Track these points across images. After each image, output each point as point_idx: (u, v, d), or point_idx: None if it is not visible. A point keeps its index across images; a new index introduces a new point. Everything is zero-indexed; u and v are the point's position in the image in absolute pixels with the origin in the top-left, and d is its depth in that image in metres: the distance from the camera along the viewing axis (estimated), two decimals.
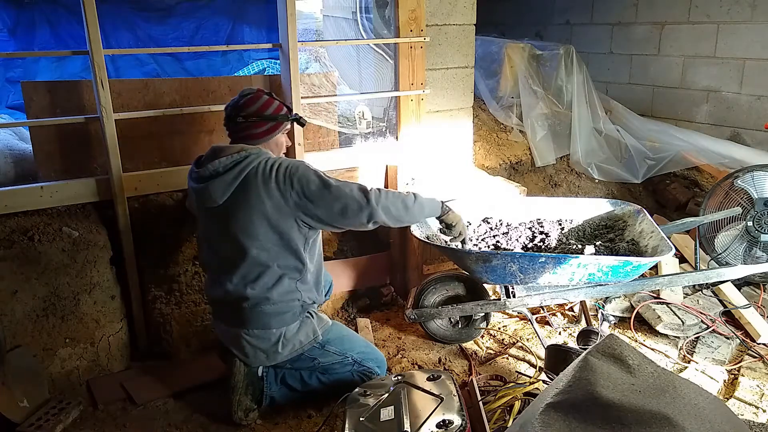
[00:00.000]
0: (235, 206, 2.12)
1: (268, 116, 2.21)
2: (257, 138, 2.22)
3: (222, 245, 2.18)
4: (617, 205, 2.92)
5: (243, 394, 2.23)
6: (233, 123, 2.22)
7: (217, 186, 2.12)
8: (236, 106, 2.21)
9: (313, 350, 2.28)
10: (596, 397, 1.38)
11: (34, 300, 2.37)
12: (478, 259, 2.43)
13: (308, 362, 2.30)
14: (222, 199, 2.13)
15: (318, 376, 2.34)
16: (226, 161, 2.12)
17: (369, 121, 3.28)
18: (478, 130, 3.84)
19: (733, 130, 4.25)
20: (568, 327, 2.90)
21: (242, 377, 2.23)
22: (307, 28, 4.62)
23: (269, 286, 2.15)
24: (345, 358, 2.32)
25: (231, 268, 2.17)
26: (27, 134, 2.80)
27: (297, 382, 2.34)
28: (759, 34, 4.01)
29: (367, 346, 2.43)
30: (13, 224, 2.43)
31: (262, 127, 2.21)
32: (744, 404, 2.29)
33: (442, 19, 3.20)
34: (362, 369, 2.34)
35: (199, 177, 2.18)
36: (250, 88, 2.27)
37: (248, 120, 2.19)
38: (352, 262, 3.10)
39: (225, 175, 2.11)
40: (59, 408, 2.27)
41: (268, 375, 2.31)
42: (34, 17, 4.73)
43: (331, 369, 2.32)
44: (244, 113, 2.19)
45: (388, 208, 2.16)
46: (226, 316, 2.25)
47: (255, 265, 2.14)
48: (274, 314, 2.17)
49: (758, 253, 3.10)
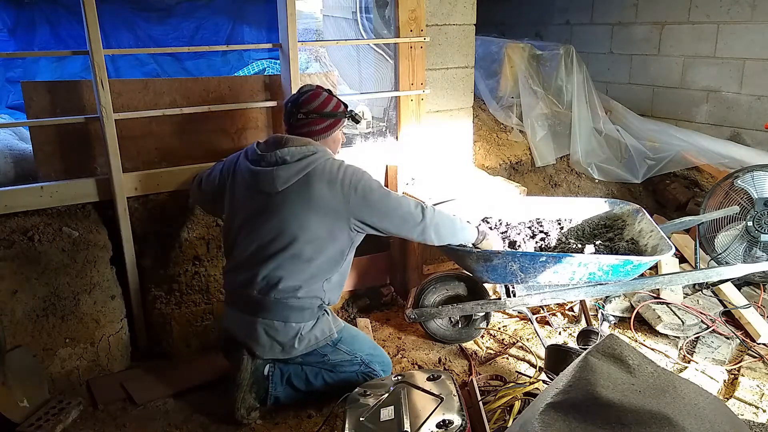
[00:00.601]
0: (295, 196, 2.16)
1: (328, 113, 2.29)
2: (317, 134, 2.29)
3: (266, 232, 2.19)
4: (616, 204, 2.92)
5: (247, 392, 2.22)
6: (294, 119, 2.27)
7: (283, 173, 2.15)
8: (297, 102, 2.27)
9: (326, 347, 2.30)
10: (596, 397, 1.38)
11: (34, 300, 2.37)
12: (479, 258, 2.43)
13: (319, 358, 2.30)
14: (283, 186, 2.16)
15: (324, 376, 2.34)
16: (296, 152, 2.17)
17: (369, 121, 3.28)
18: (478, 130, 3.84)
19: (733, 130, 4.25)
20: (568, 327, 2.90)
21: (248, 374, 2.23)
22: (307, 28, 4.62)
23: (302, 280, 2.18)
24: (354, 358, 2.33)
25: (269, 257, 2.18)
26: (27, 134, 2.80)
27: (302, 383, 2.33)
28: (759, 34, 4.01)
29: (375, 348, 2.45)
30: (13, 224, 2.43)
31: (321, 123, 2.29)
32: (744, 404, 2.29)
33: (442, 19, 3.20)
34: (368, 370, 2.35)
35: (263, 161, 2.20)
36: (310, 85, 2.35)
37: (308, 117, 2.26)
38: (353, 262, 3.10)
39: (292, 165, 2.15)
40: (59, 408, 2.27)
41: (273, 375, 2.31)
42: (34, 17, 4.73)
43: (338, 367, 2.33)
44: (304, 110, 2.26)
45: (439, 227, 2.30)
46: (244, 303, 2.24)
47: (295, 258, 2.17)
48: (296, 309, 2.20)
49: (758, 253, 3.10)
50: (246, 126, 2.90)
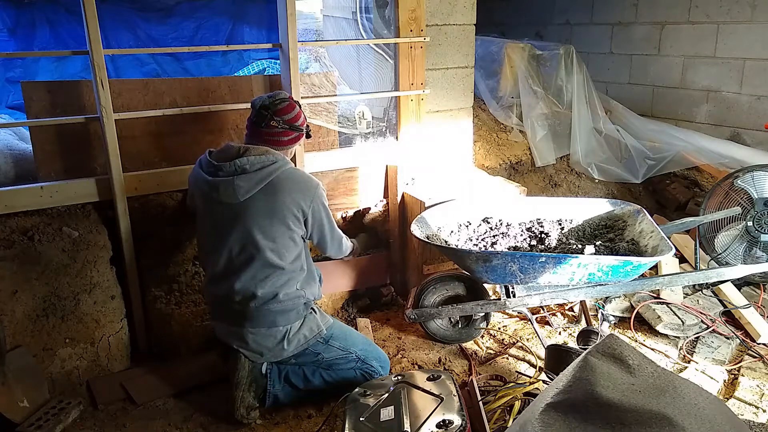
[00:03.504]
0: (259, 205, 2.16)
1: (297, 127, 2.34)
2: (282, 145, 2.32)
3: (233, 243, 2.20)
4: (617, 205, 2.92)
5: (246, 391, 2.23)
6: (266, 124, 2.28)
7: (244, 183, 2.15)
8: (273, 109, 2.28)
9: (317, 345, 2.31)
10: (596, 397, 1.38)
11: (34, 300, 2.37)
12: (479, 258, 2.43)
13: (312, 357, 2.32)
14: (245, 196, 2.16)
15: (321, 374, 2.35)
16: (255, 161, 2.17)
17: (369, 121, 3.28)
18: (478, 130, 3.84)
19: (733, 130, 4.25)
20: (568, 327, 2.90)
21: (246, 373, 2.24)
22: (307, 28, 4.61)
23: (278, 286, 2.20)
24: (348, 354, 2.34)
25: (240, 267, 2.19)
26: (27, 134, 2.80)
27: (300, 380, 2.34)
28: (759, 34, 4.01)
29: (369, 344, 2.46)
30: (13, 224, 2.43)
31: (289, 135, 2.33)
32: (744, 404, 2.29)
33: (442, 19, 3.20)
34: (365, 367, 2.36)
35: (220, 171, 2.19)
36: (282, 94, 2.36)
37: (280, 126, 2.29)
38: (352, 262, 3.10)
39: (253, 174, 2.16)
40: (59, 408, 2.27)
41: (271, 372, 2.32)
42: (34, 17, 4.73)
43: (335, 365, 2.34)
44: (278, 118, 2.28)
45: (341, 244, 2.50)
46: (228, 314, 2.26)
47: (267, 266, 2.18)
48: (280, 312, 2.21)
49: (758, 253, 3.10)
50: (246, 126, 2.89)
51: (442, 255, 2.91)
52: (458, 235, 2.80)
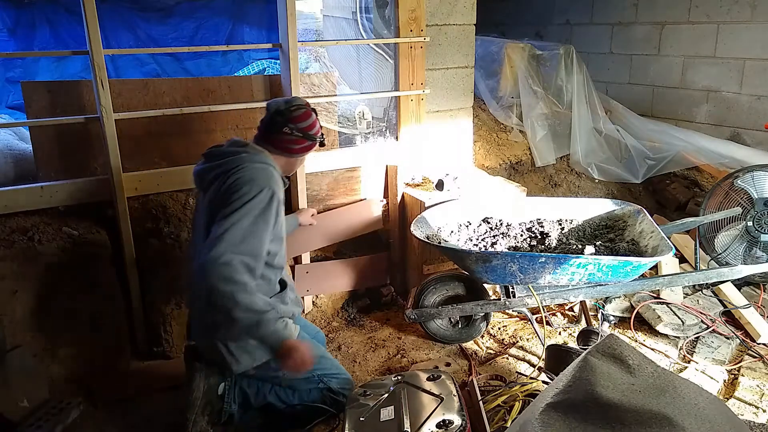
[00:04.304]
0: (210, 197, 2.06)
1: (311, 135, 2.20)
2: (293, 152, 2.20)
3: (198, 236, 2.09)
4: (617, 205, 2.92)
5: (200, 414, 2.05)
6: (276, 129, 2.16)
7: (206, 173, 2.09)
8: (287, 116, 2.16)
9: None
10: (596, 397, 1.38)
11: (34, 300, 2.37)
12: (479, 259, 2.43)
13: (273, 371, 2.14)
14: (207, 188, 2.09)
15: (279, 394, 2.20)
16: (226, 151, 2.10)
17: (369, 121, 3.28)
18: (478, 130, 3.84)
19: (733, 130, 4.25)
20: (568, 327, 2.90)
21: (200, 394, 2.06)
22: (307, 28, 4.61)
23: None
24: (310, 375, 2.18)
25: None
26: (27, 134, 2.80)
27: (255, 398, 2.19)
28: (759, 34, 4.01)
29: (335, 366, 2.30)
30: (13, 224, 2.43)
31: (301, 143, 2.19)
32: (744, 404, 2.29)
33: (442, 19, 3.20)
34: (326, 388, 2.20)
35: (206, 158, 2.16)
36: (299, 100, 2.22)
37: (293, 134, 2.16)
38: (352, 262, 3.10)
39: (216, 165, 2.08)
40: (59, 408, 2.26)
41: (228, 392, 2.16)
42: (34, 17, 4.74)
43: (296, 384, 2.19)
44: (293, 126, 2.16)
45: None
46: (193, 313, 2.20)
47: None
48: None
49: (758, 253, 3.10)
50: (246, 126, 2.89)
51: (442, 255, 2.91)
52: (458, 235, 2.80)
